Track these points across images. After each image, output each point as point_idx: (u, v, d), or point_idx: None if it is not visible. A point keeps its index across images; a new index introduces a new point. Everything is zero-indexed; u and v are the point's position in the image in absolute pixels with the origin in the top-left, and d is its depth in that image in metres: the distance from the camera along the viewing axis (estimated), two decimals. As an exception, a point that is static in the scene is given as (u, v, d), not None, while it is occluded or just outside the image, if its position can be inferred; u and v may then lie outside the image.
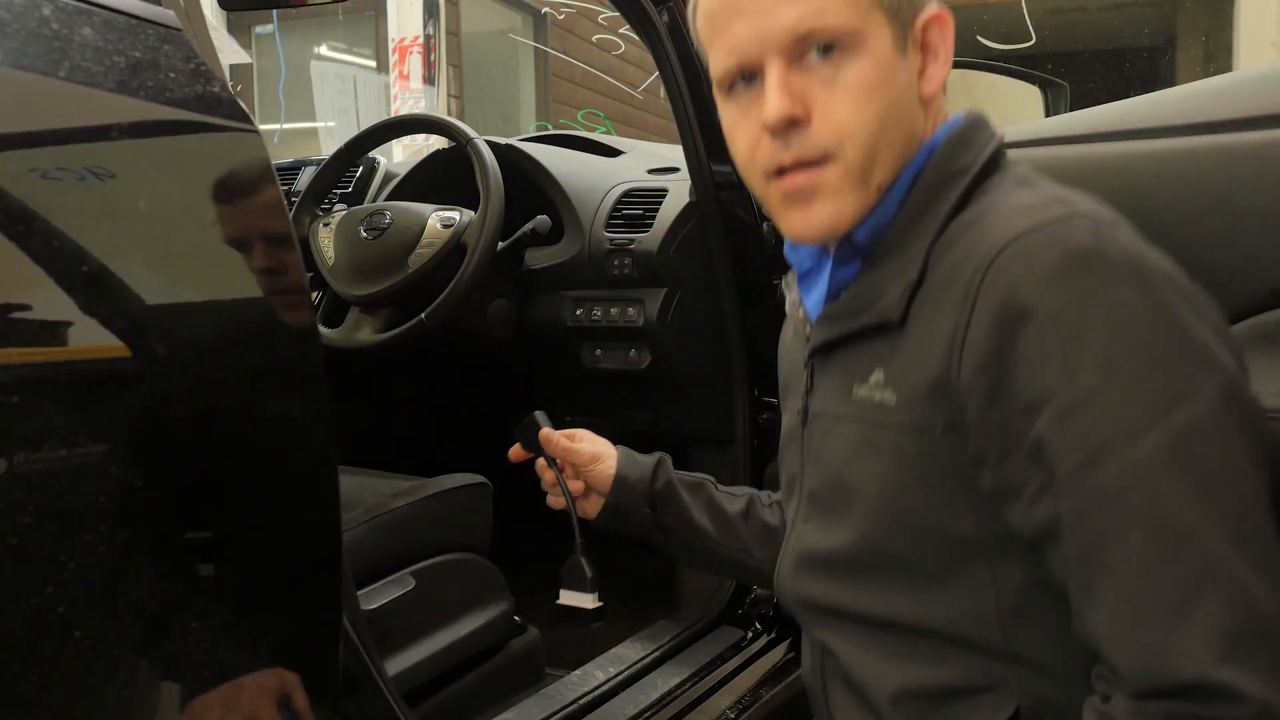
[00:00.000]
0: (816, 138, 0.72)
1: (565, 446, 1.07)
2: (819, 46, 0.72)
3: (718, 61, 0.76)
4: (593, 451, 1.06)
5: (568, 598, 1.09)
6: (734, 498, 1.05)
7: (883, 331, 0.74)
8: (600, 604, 1.08)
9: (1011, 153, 1.06)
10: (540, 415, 1.10)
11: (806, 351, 0.83)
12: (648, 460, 1.06)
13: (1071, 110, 1.75)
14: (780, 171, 0.74)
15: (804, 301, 0.84)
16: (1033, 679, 0.71)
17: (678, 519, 1.03)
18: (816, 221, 0.75)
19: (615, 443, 1.11)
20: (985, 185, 0.74)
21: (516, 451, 1.11)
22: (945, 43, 0.76)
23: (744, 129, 0.76)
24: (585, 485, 1.06)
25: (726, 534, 1.02)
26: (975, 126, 0.77)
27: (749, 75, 0.74)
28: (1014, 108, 1.85)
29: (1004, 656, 0.71)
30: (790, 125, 0.72)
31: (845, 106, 0.72)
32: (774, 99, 0.72)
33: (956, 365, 0.67)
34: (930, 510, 0.71)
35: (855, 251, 0.77)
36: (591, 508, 1.07)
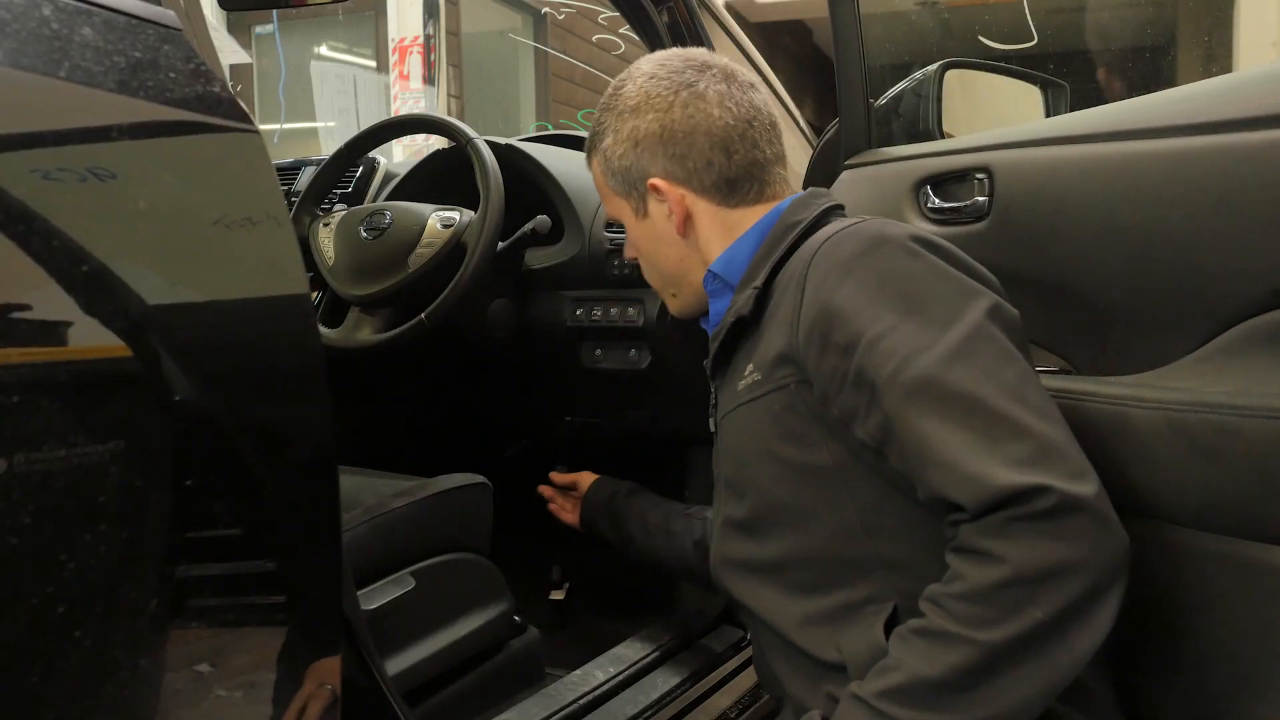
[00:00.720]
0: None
1: (549, 490, 1.58)
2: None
3: None
4: (573, 480, 1.55)
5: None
6: (659, 511, 1.42)
7: (746, 331, 1.01)
8: (562, 597, 1.76)
9: (1016, 153, 1.09)
10: (560, 466, 1.59)
11: (709, 374, 1.10)
12: (610, 490, 1.49)
13: (1072, 111, 1.75)
14: None
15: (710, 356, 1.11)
16: (899, 578, 0.90)
17: (621, 532, 1.45)
18: (672, 312, 1.17)
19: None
20: (818, 230, 1.00)
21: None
22: (669, 194, 1.06)
23: None
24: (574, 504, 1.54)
25: (648, 542, 1.41)
26: (814, 195, 1.07)
27: None
28: (1012, 108, 1.85)
29: (873, 563, 0.91)
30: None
31: (635, 254, 1.15)
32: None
33: (795, 335, 0.92)
34: (798, 452, 0.94)
35: (724, 286, 1.06)
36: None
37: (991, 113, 1.79)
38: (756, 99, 1.07)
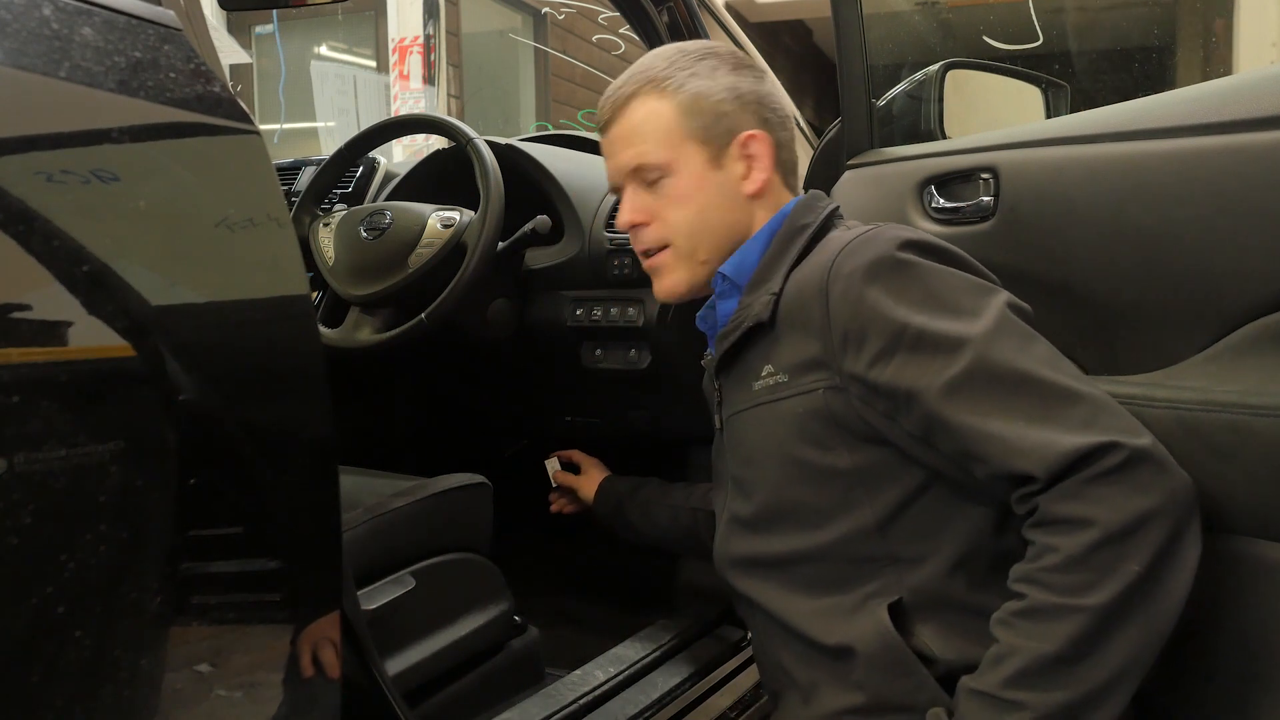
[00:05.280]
0: (653, 234, 1.08)
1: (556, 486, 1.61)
2: (649, 174, 1.06)
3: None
4: (574, 483, 1.57)
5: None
6: (664, 508, 1.43)
7: (761, 333, 1.01)
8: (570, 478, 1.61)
9: (1022, 152, 1.09)
10: (554, 460, 1.62)
11: (713, 372, 1.10)
12: (615, 497, 1.50)
13: (1072, 111, 1.74)
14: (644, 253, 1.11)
15: (710, 349, 1.11)
16: (907, 573, 0.94)
17: (635, 534, 1.47)
18: (664, 289, 1.11)
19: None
20: (825, 235, 1.02)
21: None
22: (763, 152, 1.06)
23: None
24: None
25: (661, 535, 1.44)
26: (816, 198, 1.08)
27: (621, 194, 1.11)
28: (1005, 109, 1.84)
29: (884, 560, 0.95)
30: (634, 227, 1.09)
31: (670, 211, 1.06)
32: (621, 213, 1.09)
33: (829, 342, 0.94)
34: (818, 454, 0.96)
35: (733, 287, 1.06)
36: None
37: (985, 114, 1.79)
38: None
